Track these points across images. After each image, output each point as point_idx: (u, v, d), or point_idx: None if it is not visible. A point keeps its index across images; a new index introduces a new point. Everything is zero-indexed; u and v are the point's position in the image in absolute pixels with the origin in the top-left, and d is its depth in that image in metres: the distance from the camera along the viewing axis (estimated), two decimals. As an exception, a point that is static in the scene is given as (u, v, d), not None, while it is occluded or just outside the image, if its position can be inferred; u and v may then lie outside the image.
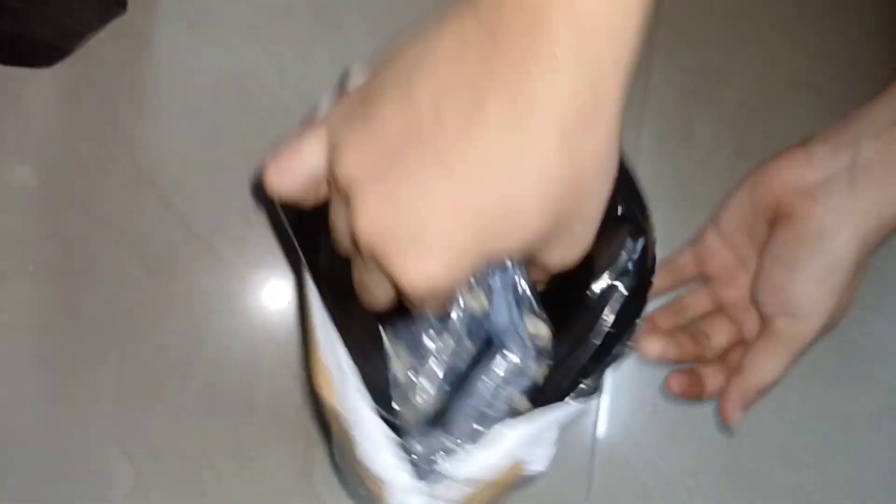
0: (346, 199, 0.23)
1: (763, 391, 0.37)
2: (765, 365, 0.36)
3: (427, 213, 0.21)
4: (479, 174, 0.20)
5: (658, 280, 0.33)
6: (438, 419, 0.29)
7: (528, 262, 0.25)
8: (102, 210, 0.50)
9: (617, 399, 0.53)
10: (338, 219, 0.25)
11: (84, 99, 0.49)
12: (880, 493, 0.55)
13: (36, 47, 0.47)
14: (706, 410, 0.54)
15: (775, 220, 0.35)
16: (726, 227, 0.38)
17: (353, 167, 0.22)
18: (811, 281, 0.33)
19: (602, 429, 0.53)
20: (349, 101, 0.23)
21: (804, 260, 0.33)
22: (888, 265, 0.57)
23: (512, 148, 0.20)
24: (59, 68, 0.49)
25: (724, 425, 0.38)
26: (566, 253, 0.23)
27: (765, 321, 0.37)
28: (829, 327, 0.36)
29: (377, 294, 0.26)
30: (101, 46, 0.50)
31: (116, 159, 0.50)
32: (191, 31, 0.52)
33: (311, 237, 0.29)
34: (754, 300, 0.37)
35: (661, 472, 0.53)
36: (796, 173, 0.34)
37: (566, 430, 0.48)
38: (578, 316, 0.30)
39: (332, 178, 0.23)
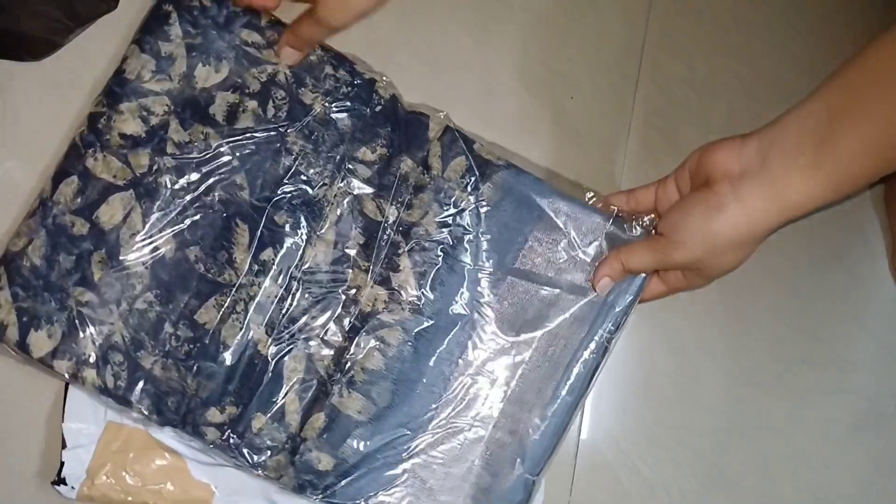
0: None
1: (626, 270, 0.48)
2: (636, 255, 0.47)
3: None
4: None
5: (619, 203, 0.49)
6: None
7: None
8: (89, 206, 0.49)
9: (601, 403, 0.54)
10: None
11: (73, 93, 0.49)
12: (857, 500, 0.56)
13: (25, 41, 0.47)
14: (690, 416, 0.54)
15: (701, 184, 0.45)
16: (677, 179, 0.48)
17: None
18: (694, 219, 0.44)
19: (585, 433, 0.53)
20: None
21: (698, 208, 0.44)
22: (868, 275, 0.58)
23: None
24: (48, 62, 0.49)
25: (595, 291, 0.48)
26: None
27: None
28: (695, 266, 0.45)
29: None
30: (90, 41, 0.49)
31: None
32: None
33: None
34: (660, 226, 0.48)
35: (643, 477, 0.53)
36: (727, 156, 0.44)
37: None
38: None
39: None
